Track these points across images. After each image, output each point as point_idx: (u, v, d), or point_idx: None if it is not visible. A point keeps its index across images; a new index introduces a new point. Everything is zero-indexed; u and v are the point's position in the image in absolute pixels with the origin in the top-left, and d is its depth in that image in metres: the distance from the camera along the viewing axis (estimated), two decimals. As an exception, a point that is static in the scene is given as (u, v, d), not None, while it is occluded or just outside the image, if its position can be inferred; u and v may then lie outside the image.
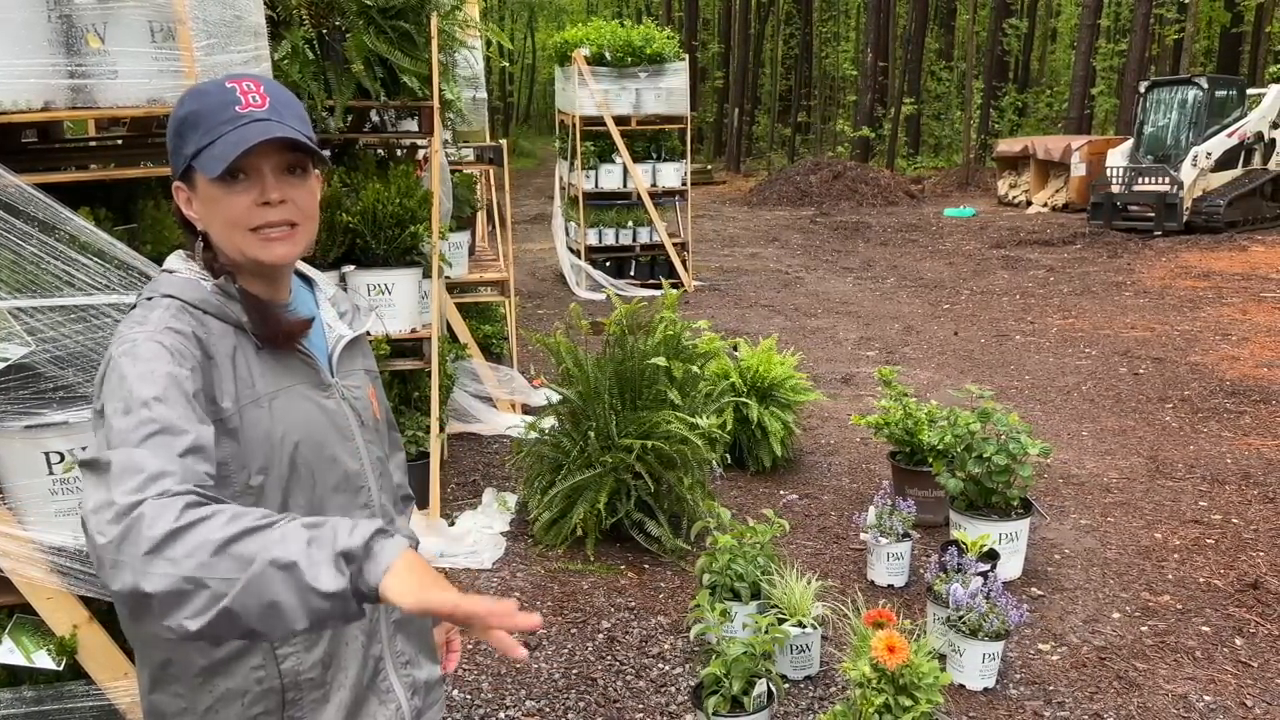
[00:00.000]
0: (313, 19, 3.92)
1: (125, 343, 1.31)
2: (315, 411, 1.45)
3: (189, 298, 1.39)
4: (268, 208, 1.39)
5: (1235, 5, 25.38)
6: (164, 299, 1.39)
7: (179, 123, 1.39)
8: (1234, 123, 14.87)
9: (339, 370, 1.54)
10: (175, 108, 1.41)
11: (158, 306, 1.37)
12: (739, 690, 2.96)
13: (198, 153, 1.36)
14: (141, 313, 1.37)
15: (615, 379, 4.56)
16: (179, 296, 1.39)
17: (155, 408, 1.22)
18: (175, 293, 1.39)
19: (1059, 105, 28.84)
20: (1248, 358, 7.67)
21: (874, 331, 9.11)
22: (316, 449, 1.44)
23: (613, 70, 10.69)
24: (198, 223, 1.43)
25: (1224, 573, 4.23)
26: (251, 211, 1.38)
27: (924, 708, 2.71)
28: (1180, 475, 5.34)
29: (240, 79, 1.41)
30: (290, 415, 1.41)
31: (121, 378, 1.26)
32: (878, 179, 20.98)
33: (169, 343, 1.31)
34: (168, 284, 1.42)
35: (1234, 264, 11.88)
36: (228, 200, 1.38)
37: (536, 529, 4.52)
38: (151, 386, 1.24)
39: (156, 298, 1.39)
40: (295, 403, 1.43)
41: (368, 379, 1.63)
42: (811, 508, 5.02)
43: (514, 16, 45.58)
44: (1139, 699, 3.33)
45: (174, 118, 1.40)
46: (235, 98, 1.38)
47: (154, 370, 1.27)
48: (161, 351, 1.29)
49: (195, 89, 1.43)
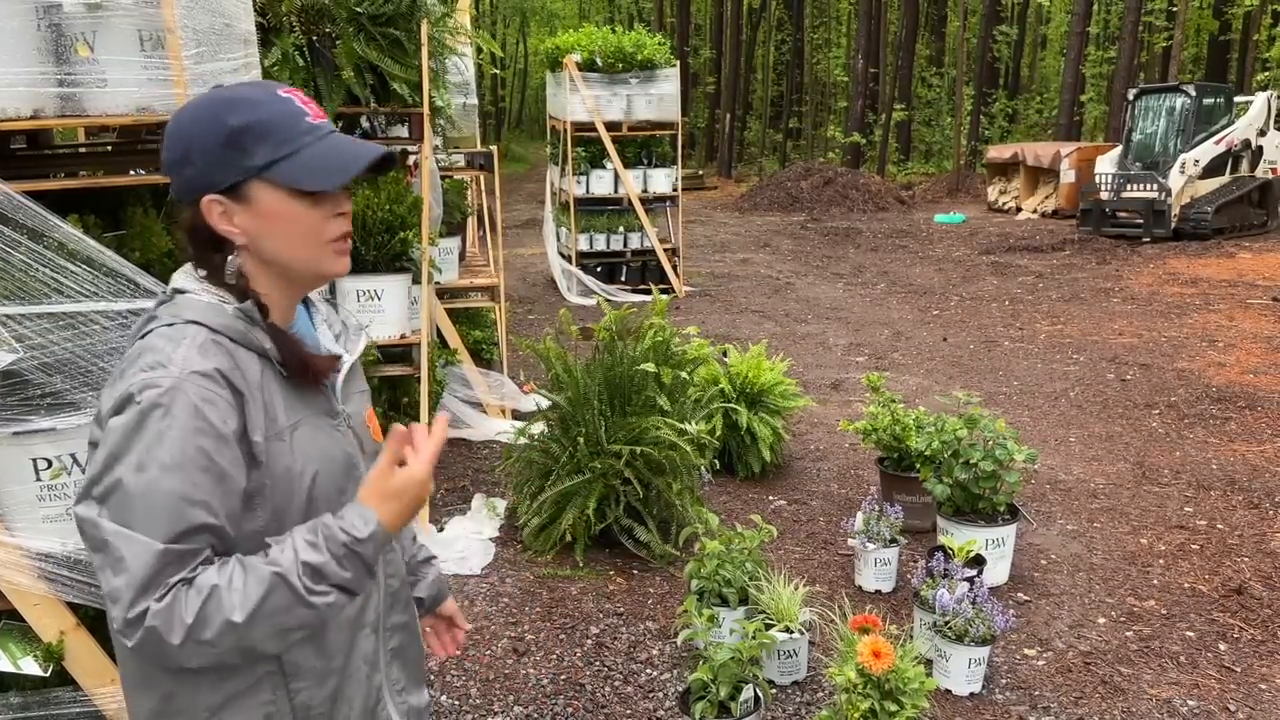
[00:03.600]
0: (303, 26, 3.93)
1: (155, 388, 1.26)
2: (329, 443, 1.43)
3: (215, 324, 1.34)
4: (343, 219, 1.41)
5: (1223, 13, 25.55)
6: (188, 325, 1.33)
7: (234, 134, 1.32)
8: (1221, 130, 14.99)
9: (342, 396, 1.51)
10: (204, 115, 1.35)
11: (184, 336, 1.32)
12: (726, 695, 2.97)
13: (271, 164, 1.33)
14: (166, 343, 1.31)
15: (605, 385, 4.57)
16: (205, 323, 1.34)
17: (172, 483, 1.23)
18: (201, 319, 1.34)
19: (1049, 112, 29.03)
20: (1234, 364, 7.72)
21: (864, 337, 9.14)
22: (329, 481, 1.42)
23: (604, 76, 10.72)
24: (237, 237, 1.36)
25: (1209, 578, 4.26)
26: (330, 223, 1.39)
27: (909, 712, 2.73)
28: (1166, 481, 5.38)
29: (289, 89, 1.40)
30: (309, 448, 1.40)
31: (142, 433, 1.24)
32: (868, 185, 21.05)
33: (199, 397, 1.27)
34: (190, 308, 1.35)
35: (1221, 270, 11.96)
36: (311, 213, 1.36)
37: (526, 535, 4.53)
38: (175, 453, 1.24)
39: (179, 323, 1.33)
40: (312, 434, 1.41)
41: (364, 400, 1.60)
42: (800, 513, 5.04)
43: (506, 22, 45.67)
44: (1123, 704, 3.36)
45: (217, 125, 1.33)
46: (300, 109, 1.37)
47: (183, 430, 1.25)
48: (193, 415, 1.26)
49: (239, 98, 1.36)
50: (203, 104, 1.36)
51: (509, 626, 3.88)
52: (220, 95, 1.37)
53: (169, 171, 1.37)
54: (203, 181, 1.34)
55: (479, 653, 3.68)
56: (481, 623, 3.90)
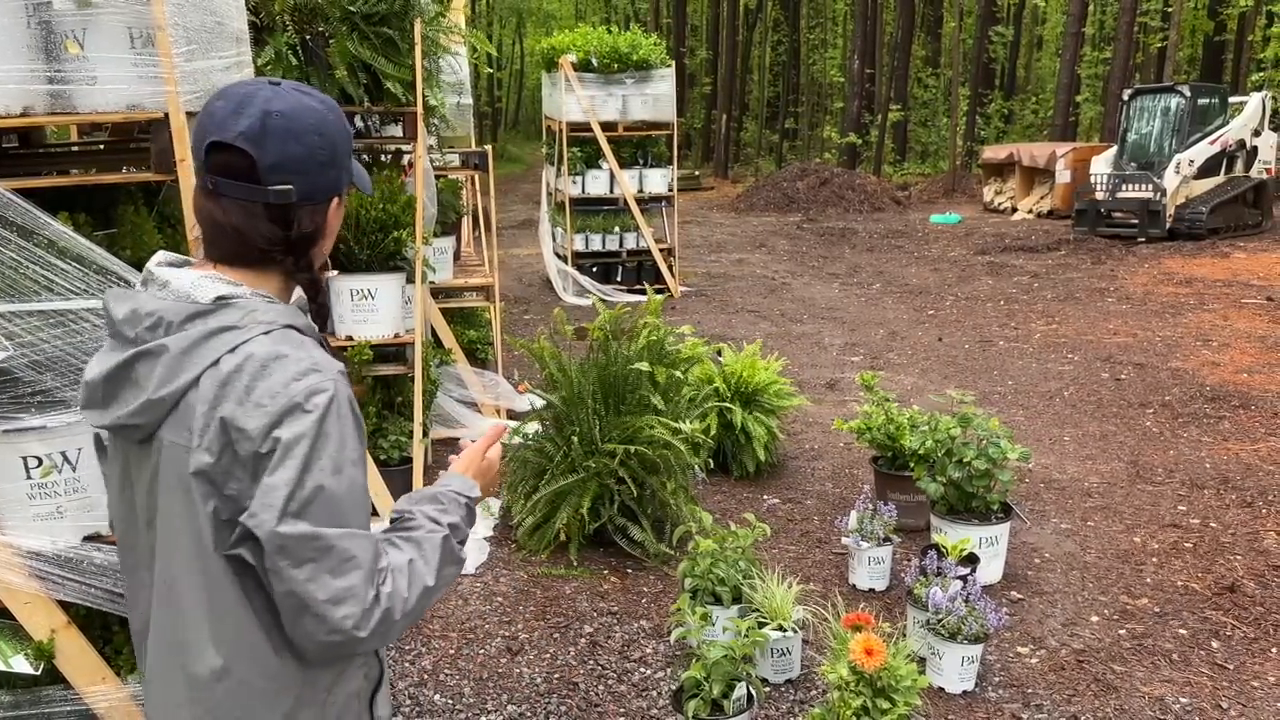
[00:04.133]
0: (296, 25, 3.93)
1: (317, 394, 1.30)
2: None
3: (300, 324, 1.40)
4: None
5: (1218, 14, 25.62)
6: (286, 329, 1.36)
7: (345, 142, 1.44)
8: (1216, 130, 15.02)
9: None
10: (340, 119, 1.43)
11: (304, 342, 1.37)
12: (719, 693, 2.98)
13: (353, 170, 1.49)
14: (291, 348, 1.33)
15: (599, 384, 4.57)
16: (295, 325, 1.39)
17: (357, 470, 1.34)
18: (290, 321, 1.38)
19: (1044, 112, 29.07)
20: (1228, 363, 7.74)
21: (859, 337, 9.15)
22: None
23: (600, 76, 10.72)
24: (330, 235, 1.48)
25: (1201, 576, 4.27)
26: None
27: (901, 710, 2.73)
28: (1160, 480, 5.39)
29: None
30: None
31: (327, 438, 1.30)
32: (864, 185, 21.08)
33: (349, 393, 1.36)
34: (268, 311, 1.37)
35: (1216, 270, 11.99)
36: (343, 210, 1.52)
37: (520, 534, 4.53)
38: (356, 448, 1.34)
39: (277, 329, 1.35)
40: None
41: None
42: (795, 512, 5.05)
43: (502, 22, 45.64)
44: (1116, 701, 3.36)
45: (345, 129, 1.44)
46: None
47: (353, 424, 1.35)
48: (352, 413, 1.35)
49: (337, 107, 1.45)
50: (332, 109, 1.43)
51: (503, 625, 3.87)
52: (329, 99, 1.45)
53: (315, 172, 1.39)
54: (340, 183, 1.45)
55: (472, 651, 3.68)
56: (475, 622, 3.90)
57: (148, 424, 1.34)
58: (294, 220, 1.40)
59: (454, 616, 3.94)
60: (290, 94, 1.38)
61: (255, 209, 1.37)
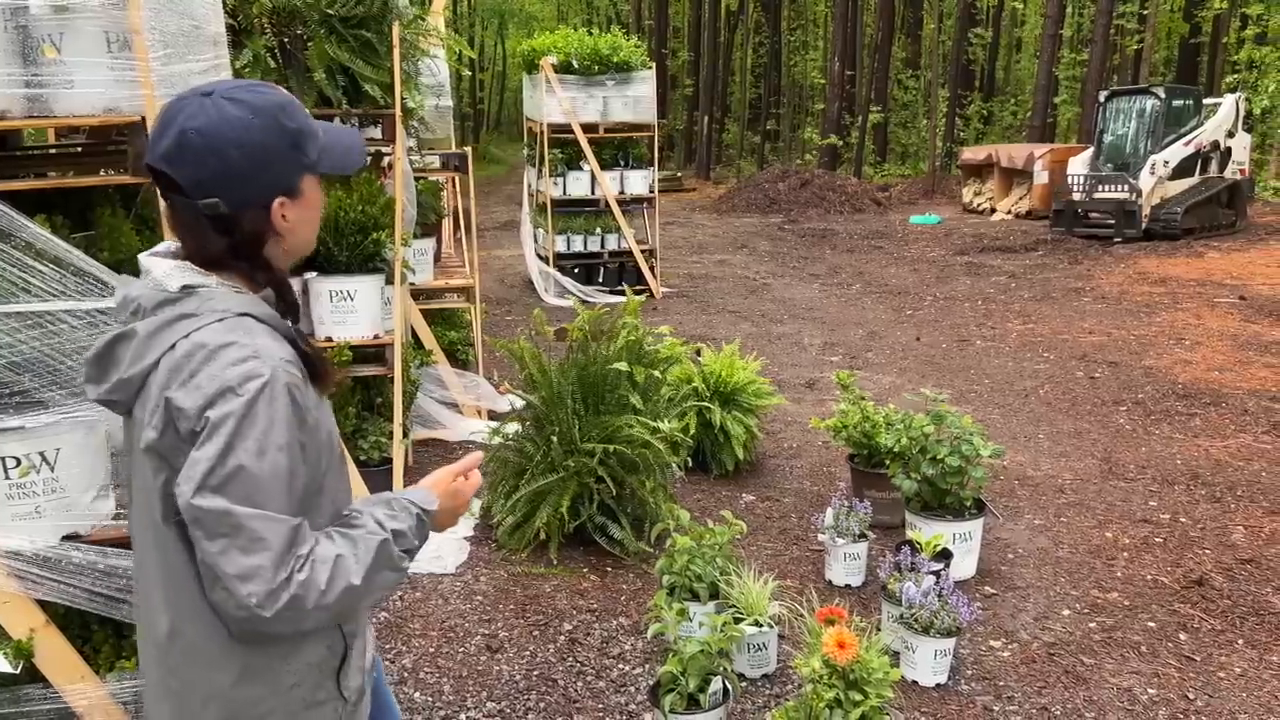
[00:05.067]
0: (274, 28, 3.95)
1: (257, 378, 1.36)
2: (327, 415, 1.58)
3: (259, 313, 1.45)
4: None
5: (1194, 16, 25.90)
6: (241, 317, 1.42)
7: (298, 134, 1.45)
8: (1190, 132, 15.20)
9: None
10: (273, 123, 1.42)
11: (253, 329, 1.41)
12: (695, 688, 3.02)
13: (319, 158, 1.49)
14: (239, 335, 1.39)
15: (578, 384, 4.61)
16: (253, 314, 1.44)
17: (286, 461, 1.37)
18: (247, 310, 1.44)
19: (1023, 114, 29.29)
20: (1200, 362, 7.85)
21: (838, 337, 9.22)
22: (335, 444, 1.59)
23: (580, 78, 10.76)
24: (289, 233, 1.49)
25: (1171, 570, 4.35)
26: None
27: (873, 702, 2.78)
28: (1132, 476, 5.47)
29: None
30: (327, 414, 1.56)
31: (254, 420, 1.34)
32: (845, 187, 21.20)
33: (291, 382, 1.40)
34: (226, 299, 1.44)
35: (1190, 270, 12.14)
36: (322, 197, 1.55)
37: (500, 533, 4.56)
38: (285, 434, 1.37)
39: (230, 316, 1.41)
40: (324, 403, 1.57)
41: None
42: (773, 510, 5.10)
43: (484, 24, 45.57)
44: (1085, 693, 3.42)
45: (282, 131, 1.43)
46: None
47: (286, 411, 1.38)
48: (289, 400, 1.39)
49: (288, 98, 1.48)
50: (260, 112, 1.42)
51: (483, 624, 3.90)
52: (268, 100, 1.44)
53: (238, 183, 1.42)
54: (277, 186, 1.46)
55: (452, 650, 3.71)
56: (455, 620, 3.93)
57: (123, 400, 1.45)
58: (233, 227, 1.44)
59: (434, 615, 3.97)
60: (215, 106, 1.41)
61: (197, 220, 1.43)
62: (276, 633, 1.41)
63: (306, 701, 1.53)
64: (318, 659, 1.53)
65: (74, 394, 2.20)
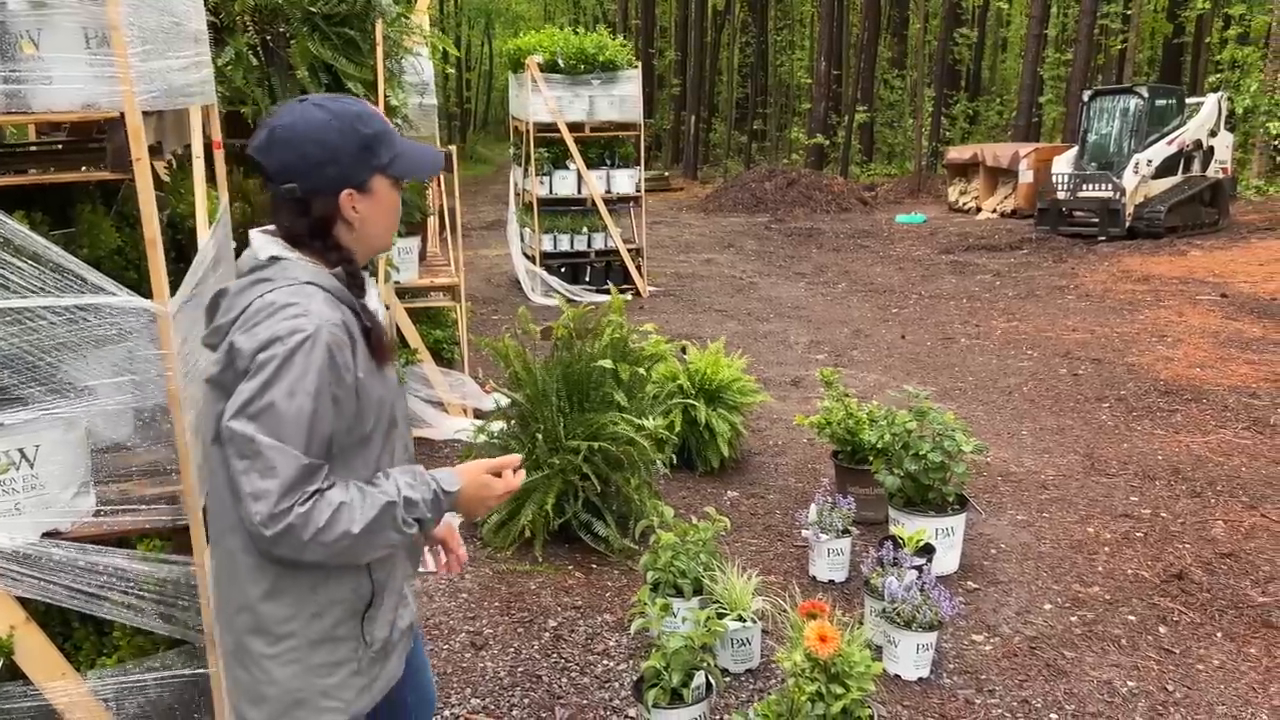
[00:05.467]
0: (256, 25, 3.93)
1: (301, 332, 1.60)
2: (393, 382, 1.83)
3: (326, 284, 1.70)
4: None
5: (1177, 16, 26.09)
6: (307, 285, 1.67)
7: (369, 139, 1.73)
8: (1173, 131, 15.30)
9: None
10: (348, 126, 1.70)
11: (313, 295, 1.66)
12: (679, 682, 3.03)
13: (391, 161, 1.76)
14: (298, 297, 1.64)
15: (563, 382, 4.62)
16: (319, 284, 1.69)
17: (312, 405, 1.59)
18: (314, 280, 1.69)
19: (1009, 113, 29.45)
20: (1181, 358, 7.91)
21: (824, 335, 9.25)
22: (394, 410, 1.82)
23: (566, 77, 10.76)
24: (359, 221, 1.75)
25: (1151, 564, 4.38)
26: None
27: (855, 695, 2.79)
28: (1114, 472, 5.52)
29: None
30: (386, 385, 1.78)
31: (291, 366, 1.58)
32: (831, 186, 21.27)
33: (333, 341, 1.63)
34: (302, 270, 1.70)
35: (1173, 268, 12.22)
36: (396, 198, 1.81)
37: (485, 531, 4.56)
38: (315, 383, 1.59)
39: (298, 284, 1.67)
40: (386, 374, 1.80)
41: None
42: (758, 506, 5.12)
43: (471, 24, 45.50)
44: (1065, 685, 3.45)
45: (355, 134, 1.71)
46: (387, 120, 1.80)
47: (323, 365, 1.60)
48: (327, 355, 1.61)
49: (364, 112, 1.75)
50: (339, 117, 1.71)
51: (467, 621, 3.91)
52: (348, 109, 1.73)
53: (308, 172, 1.69)
54: (344, 180, 1.72)
55: (436, 647, 3.71)
56: (440, 618, 3.93)
57: (214, 343, 1.74)
58: (307, 209, 1.72)
59: (418, 613, 3.96)
60: (302, 110, 1.72)
61: (282, 202, 1.73)
62: (279, 555, 1.60)
63: (327, 634, 1.73)
64: (343, 597, 1.73)
65: (53, 390, 2.20)
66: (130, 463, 2.47)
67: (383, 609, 1.80)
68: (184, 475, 2.30)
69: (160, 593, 2.35)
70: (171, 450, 2.34)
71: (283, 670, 1.71)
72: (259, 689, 1.72)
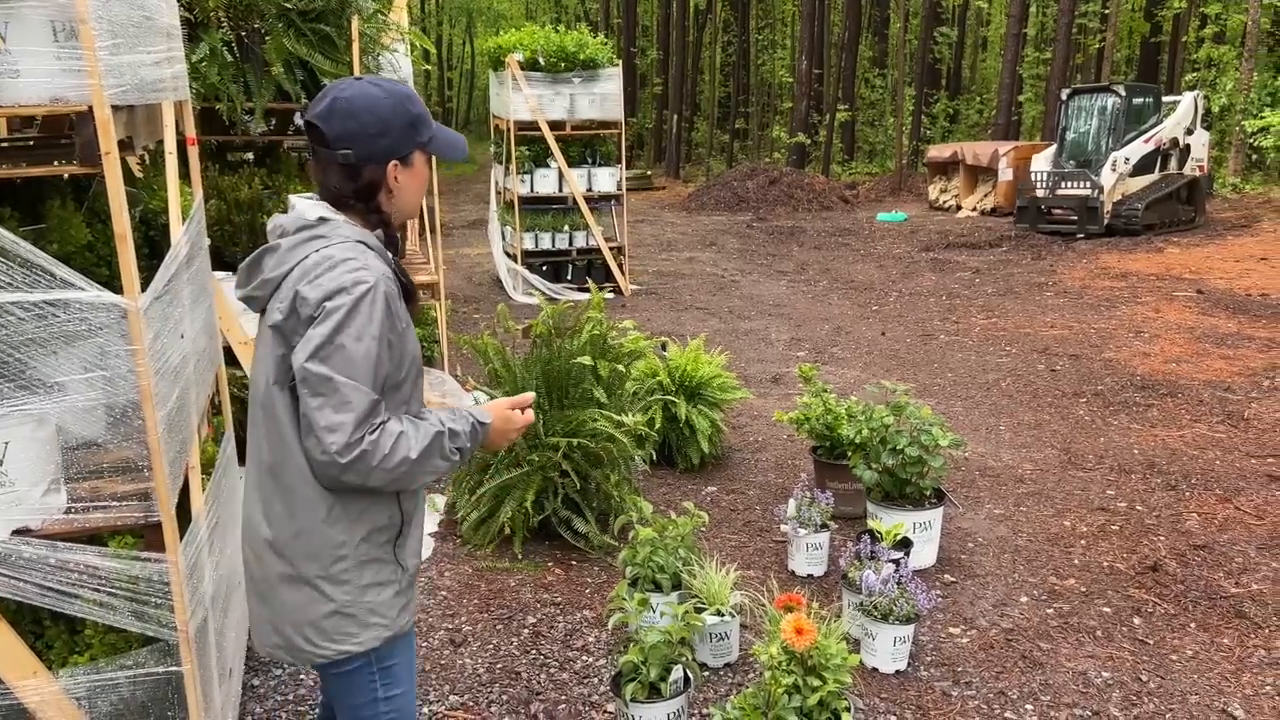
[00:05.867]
0: (231, 21, 3.91)
1: (365, 283, 1.80)
2: (414, 339, 1.98)
3: (372, 244, 1.91)
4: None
5: (1154, 16, 26.30)
6: (358, 243, 1.88)
7: (415, 118, 1.93)
8: (1150, 129, 15.43)
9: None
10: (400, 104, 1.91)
11: (367, 252, 1.87)
12: (656, 677, 3.04)
13: (430, 140, 1.97)
14: (356, 252, 1.85)
15: (542, 379, 4.62)
16: (367, 243, 1.90)
17: (378, 345, 1.80)
18: (363, 239, 1.90)
19: (989, 112, 29.59)
20: (1158, 354, 7.99)
21: (805, 333, 9.28)
22: (417, 365, 2.01)
23: (546, 76, 10.74)
24: (398, 190, 1.95)
25: (1126, 557, 4.42)
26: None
27: (831, 687, 2.81)
28: (1090, 466, 5.56)
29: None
30: (411, 339, 1.96)
31: (358, 313, 1.78)
32: (813, 184, 21.31)
33: (390, 292, 1.84)
34: (352, 230, 1.91)
35: (1150, 265, 12.33)
36: (428, 173, 2.04)
37: (464, 529, 4.56)
38: (379, 328, 1.80)
39: (351, 241, 1.87)
40: (413, 329, 1.98)
41: None
42: (738, 502, 5.13)
43: (452, 22, 45.35)
44: (1041, 677, 3.48)
45: (406, 112, 1.92)
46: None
47: (384, 312, 1.82)
48: (385, 304, 1.82)
49: (414, 93, 1.97)
50: (392, 95, 1.92)
51: (446, 619, 3.90)
52: (398, 90, 1.95)
53: (364, 141, 1.88)
54: (393, 151, 1.92)
55: (415, 644, 3.70)
56: (419, 616, 3.92)
57: (261, 297, 1.93)
58: (358, 175, 1.91)
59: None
60: (359, 85, 1.91)
61: (331, 166, 1.91)
62: (347, 481, 1.81)
63: (370, 556, 1.94)
64: (382, 524, 1.95)
65: (23, 387, 2.18)
66: (101, 460, 2.45)
67: (410, 538, 2.02)
68: (156, 472, 2.28)
69: (133, 590, 2.33)
70: (143, 447, 2.33)
71: (336, 588, 1.92)
72: (311, 608, 1.92)
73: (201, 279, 3.18)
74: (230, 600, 3.09)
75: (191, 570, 2.48)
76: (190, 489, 2.73)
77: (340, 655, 1.95)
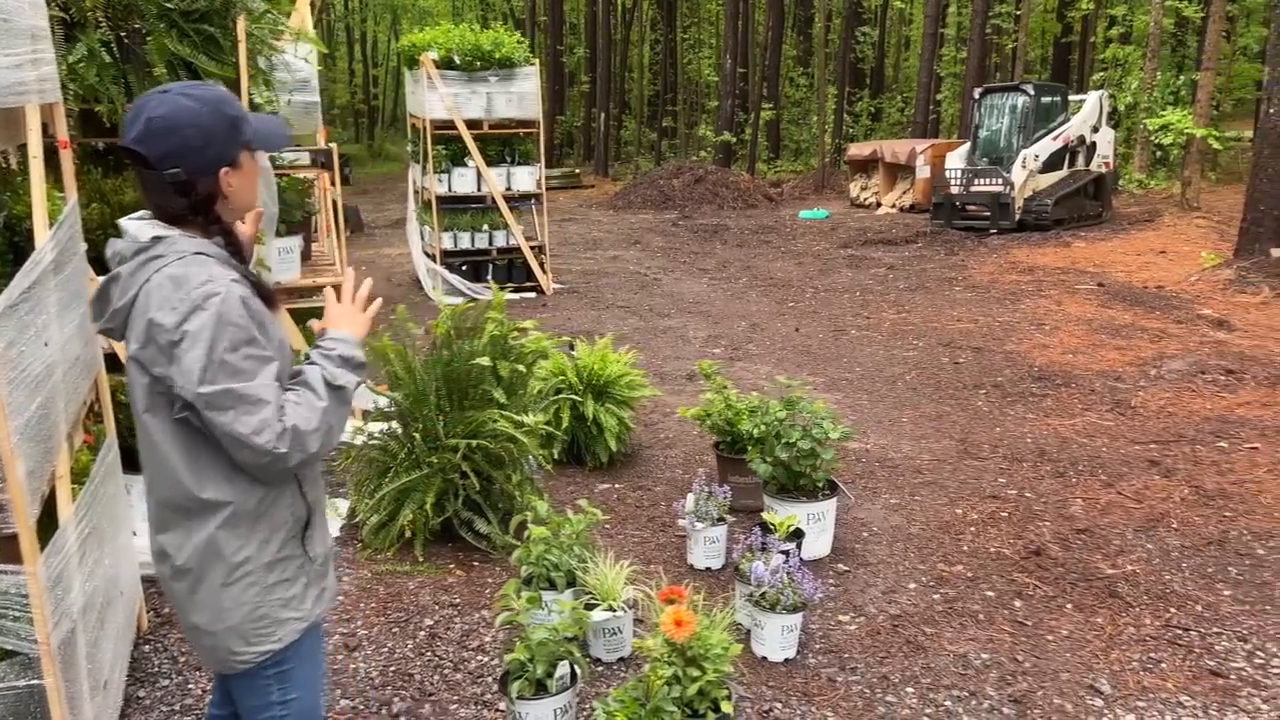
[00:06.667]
0: (110, 21, 3.83)
1: (212, 297, 1.79)
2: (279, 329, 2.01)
3: (212, 253, 1.89)
4: None
5: (1065, 17, 27.11)
6: (196, 255, 1.86)
7: (234, 120, 1.92)
8: (1058, 127, 15.93)
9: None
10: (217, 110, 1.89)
11: (207, 262, 1.85)
12: (543, 674, 3.07)
13: (253, 136, 1.96)
14: (196, 268, 1.83)
15: (443, 380, 4.61)
16: (206, 253, 1.88)
17: (252, 347, 1.81)
18: (201, 250, 1.88)
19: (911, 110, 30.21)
20: (1056, 345, 8.27)
21: (722, 330, 9.40)
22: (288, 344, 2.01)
23: (462, 74, 10.69)
24: (232, 194, 1.94)
25: (1013, 542, 4.59)
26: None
27: (710, 677, 2.87)
28: (985, 455, 5.75)
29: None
30: (278, 328, 1.98)
31: (222, 324, 1.78)
32: (738, 183, 21.54)
33: (241, 293, 1.84)
34: (188, 243, 1.88)
35: (1056, 259, 12.74)
36: (257, 166, 2.01)
37: (365, 533, 4.53)
38: (246, 331, 1.81)
39: (188, 255, 1.85)
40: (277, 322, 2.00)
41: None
42: (643, 499, 5.19)
43: (377, 19, 44.70)
44: (923, 660, 3.60)
45: (224, 116, 1.90)
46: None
47: (243, 315, 1.81)
48: (241, 304, 1.82)
49: (224, 97, 1.95)
50: (206, 103, 1.89)
51: (342, 624, 3.88)
52: (211, 94, 1.92)
53: (193, 156, 1.86)
54: (221, 159, 1.91)
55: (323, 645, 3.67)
56: (315, 620, 3.89)
57: (116, 327, 1.91)
58: (191, 190, 1.89)
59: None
60: (171, 99, 1.86)
61: (163, 187, 1.88)
62: (294, 464, 1.83)
63: (277, 556, 1.97)
64: (282, 522, 1.97)
65: None
66: (-43, 472, 2.40)
67: (317, 528, 2.06)
68: (10, 483, 2.25)
69: (-10, 604, 2.29)
70: (-1, 458, 2.29)
71: (246, 592, 1.94)
72: (228, 615, 1.95)
73: (75, 284, 3.12)
74: (109, 610, 3.04)
75: (55, 581, 2.45)
76: (57, 498, 2.68)
77: (264, 656, 2.00)
